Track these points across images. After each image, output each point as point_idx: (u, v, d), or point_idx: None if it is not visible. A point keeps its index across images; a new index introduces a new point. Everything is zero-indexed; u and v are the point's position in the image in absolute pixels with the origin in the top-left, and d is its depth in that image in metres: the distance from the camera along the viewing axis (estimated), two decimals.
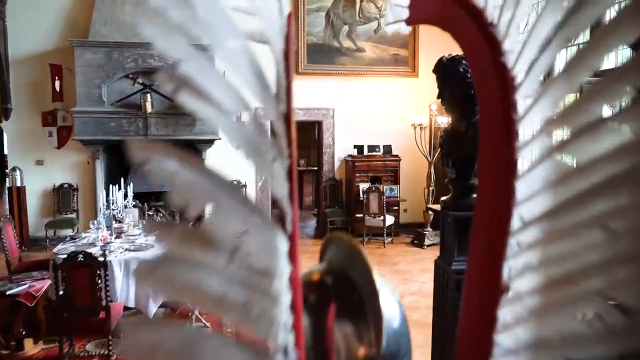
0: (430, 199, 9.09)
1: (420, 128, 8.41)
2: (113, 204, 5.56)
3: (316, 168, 12.72)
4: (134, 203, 6.05)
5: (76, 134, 8.25)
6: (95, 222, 5.77)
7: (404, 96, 9.78)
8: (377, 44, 9.56)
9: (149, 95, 8.29)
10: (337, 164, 9.68)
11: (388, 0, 0.62)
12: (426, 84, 9.64)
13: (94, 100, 8.29)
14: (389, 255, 8.07)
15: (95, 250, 4.96)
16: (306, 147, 13.36)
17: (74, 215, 8.65)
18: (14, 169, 8.32)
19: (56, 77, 7.96)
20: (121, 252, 4.96)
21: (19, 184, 8.31)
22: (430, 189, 8.58)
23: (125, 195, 6.22)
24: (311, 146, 13.43)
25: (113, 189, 5.65)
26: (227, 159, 9.52)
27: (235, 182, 9.07)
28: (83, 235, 5.75)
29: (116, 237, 5.49)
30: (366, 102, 9.64)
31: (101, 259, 4.08)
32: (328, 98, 9.50)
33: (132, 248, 5.14)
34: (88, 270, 4.01)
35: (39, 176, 8.60)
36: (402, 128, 9.76)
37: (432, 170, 8.58)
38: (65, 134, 8.63)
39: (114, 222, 5.66)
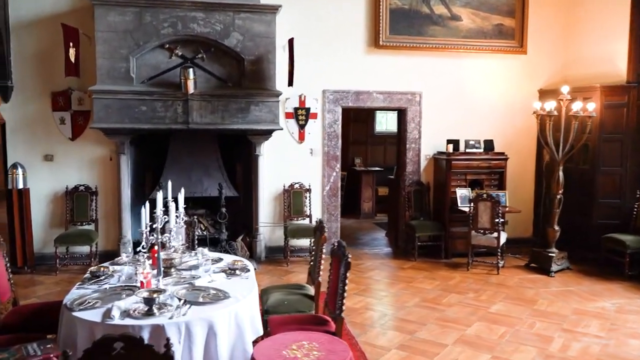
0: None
1: (549, 117, 6.32)
2: (162, 222, 3.52)
3: (376, 168, 10.71)
4: (184, 219, 4.01)
5: (95, 121, 6.26)
6: (128, 248, 3.76)
7: (509, 78, 7.69)
8: (476, 11, 7.48)
9: (191, 71, 6.29)
10: (422, 163, 7.61)
11: None
12: (537, 63, 7.59)
13: (119, 77, 6.30)
14: (511, 287, 6.00)
15: (135, 303, 2.97)
16: (362, 141, 11.33)
17: (91, 227, 6.67)
18: (14, 166, 6.35)
19: (70, 44, 5.98)
20: (178, 307, 2.95)
21: (21, 186, 6.34)
22: (558, 197, 6.49)
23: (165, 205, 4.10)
24: (368, 142, 11.39)
25: (157, 195, 3.61)
26: (286, 157, 7.55)
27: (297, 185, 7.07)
28: (111, 269, 3.74)
29: (164, 275, 3.48)
30: (461, 85, 7.56)
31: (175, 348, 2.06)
32: (415, 79, 7.43)
33: (194, 299, 3.12)
34: None
35: (48, 176, 6.63)
36: (507, 118, 7.68)
37: (561, 173, 6.48)
38: (81, 121, 6.64)
39: (156, 249, 3.61)
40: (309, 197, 7.16)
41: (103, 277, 3.55)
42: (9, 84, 6.39)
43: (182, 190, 4.07)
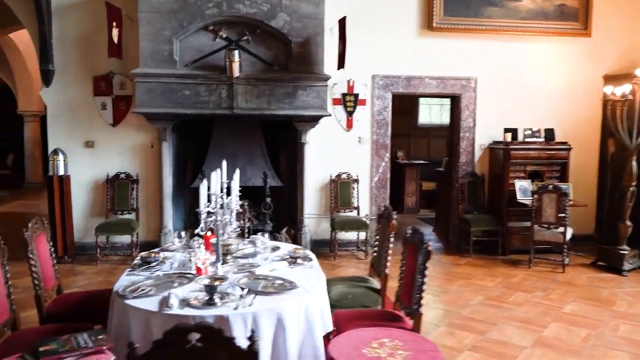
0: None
1: (621, 102, 5.79)
2: (222, 207, 3.19)
3: (420, 162, 10.26)
4: (241, 203, 3.68)
5: (137, 106, 6.02)
6: (182, 233, 3.46)
7: (571, 63, 7.15)
8: None
9: (236, 53, 5.98)
10: (477, 154, 7.14)
11: None
12: (602, 46, 7.03)
13: (162, 60, 6.04)
14: (581, 286, 5.50)
15: (194, 292, 2.66)
16: (404, 134, 10.88)
17: (132, 216, 6.43)
18: (55, 152, 6.16)
19: (114, 24, 5.75)
20: (241, 297, 2.61)
21: (62, 172, 6.14)
22: (631, 189, 5.95)
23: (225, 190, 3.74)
24: (411, 134, 10.94)
25: (214, 177, 3.29)
26: (333, 145, 7.01)
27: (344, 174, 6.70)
28: (162, 255, 3.43)
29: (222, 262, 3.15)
30: (519, 71, 7.06)
31: (242, 343, 1.71)
32: (470, 64, 6.97)
33: (259, 288, 2.77)
34: None
35: (88, 163, 6.42)
36: (568, 106, 7.15)
37: (634, 163, 5.94)
38: (123, 107, 6.42)
39: (207, 236, 3.29)
40: (357, 188, 6.78)
41: (154, 263, 3.25)
42: (51, 67, 6.21)
43: (238, 172, 3.73)
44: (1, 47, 11.18)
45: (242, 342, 1.87)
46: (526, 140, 6.82)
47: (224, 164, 3.59)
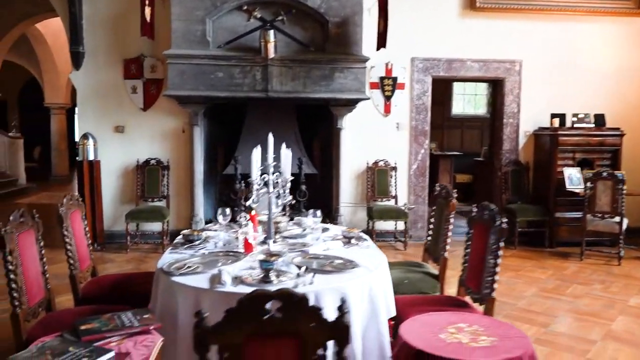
0: None
1: None
2: (275, 183, 2.94)
3: (454, 153, 9.90)
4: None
5: (169, 88, 5.80)
6: (227, 210, 3.20)
7: (624, 44, 6.75)
8: None
9: (271, 33, 5.73)
10: (521, 141, 6.77)
11: None
12: None
13: (195, 41, 5.82)
14: None
15: (246, 270, 2.41)
16: (437, 125, 10.47)
17: (162, 204, 6.23)
18: (85, 137, 5.98)
19: (146, 2, 5.54)
20: (299, 275, 2.34)
21: (91, 157, 5.97)
22: None
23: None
24: (444, 125, 10.57)
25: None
26: (370, 131, 6.45)
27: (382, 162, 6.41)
28: (204, 234, 3.18)
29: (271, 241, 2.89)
30: (567, 53, 6.68)
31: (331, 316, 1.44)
32: (514, 46, 6.61)
33: (317, 267, 2.50)
34: (292, 343, 1.38)
35: (118, 148, 6.24)
36: (619, 90, 6.74)
37: None
38: (153, 90, 6.21)
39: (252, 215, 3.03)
40: (395, 176, 6.47)
41: (197, 242, 3.00)
42: (81, 49, 6.04)
43: (284, 147, 3.46)
44: (28, 38, 11.14)
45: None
46: (575, 126, 6.43)
47: (271, 137, 3.32)
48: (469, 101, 10.63)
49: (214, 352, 1.35)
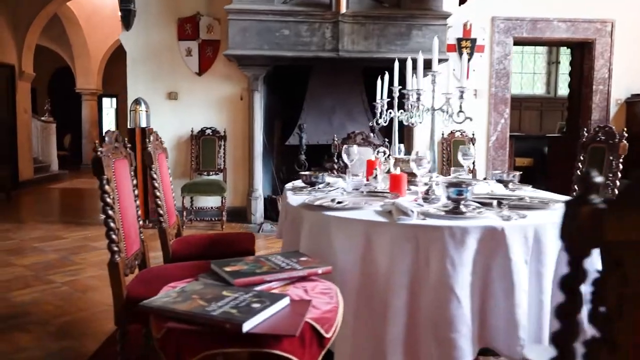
0: None
1: None
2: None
3: (515, 134, 9.19)
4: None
5: (230, 47, 5.24)
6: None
7: None
8: None
9: None
10: (612, 110, 6.10)
11: None
12: None
13: None
14: None
15: (416, 203, 1.80)
16: None
17: (219, 177, 5.67)
18: (137, 102, 5.44)
19: None
20: (498, 207, 1.73)
21: (144, 124, 5.42)
22: None
23: None
24: None
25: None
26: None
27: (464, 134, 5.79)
28: (321, 179, 2.57)
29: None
30: None
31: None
32: (606, 3, 5.94)
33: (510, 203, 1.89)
34: None
35: (171, 116, 5.69)
36: None
37: None
38: (210, 53, 5.66)
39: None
40: (474, 147, 5.82)
41: (321, 185, 2.40)
42: (132, 7, 5.51)
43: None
44: (60, 21, 10.70)
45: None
46: None
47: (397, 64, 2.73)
48: (526, 80, 9.95)
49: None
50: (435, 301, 1.58)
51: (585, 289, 0.75)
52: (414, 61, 2.67)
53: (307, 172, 2.52)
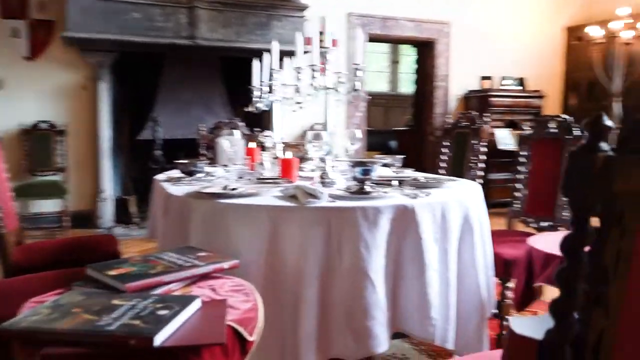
0: None
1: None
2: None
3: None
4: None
5: (70, 29, 4.59)
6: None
7: (535, 13, 7.01)
8: None
9: None
10: (451, 105, 6.69)
11: None
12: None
13: None
14: None
15: (321, 185, 1.71)
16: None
17: (59, 178, 4.96)
18: None
19: None
20: (398, 187, 1.69)
21: None
22: None
23: None
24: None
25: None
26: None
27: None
28: (198, 167, 2.31)
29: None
30: (493, 15, 6.74)
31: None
32: (444, 6, 6.48)
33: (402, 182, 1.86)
34: None
35: None
36: (536, 52, 6.99)
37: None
38: (42, 34, 4.91)
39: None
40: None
41: (200, 175, 2.15)
42: None
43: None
44: None
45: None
46: (504, 87, 6.52)
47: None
48: (373, 78, 10.51)
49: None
50: (350, 288, 1.47)
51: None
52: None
53: (184, 161, 2.25)
